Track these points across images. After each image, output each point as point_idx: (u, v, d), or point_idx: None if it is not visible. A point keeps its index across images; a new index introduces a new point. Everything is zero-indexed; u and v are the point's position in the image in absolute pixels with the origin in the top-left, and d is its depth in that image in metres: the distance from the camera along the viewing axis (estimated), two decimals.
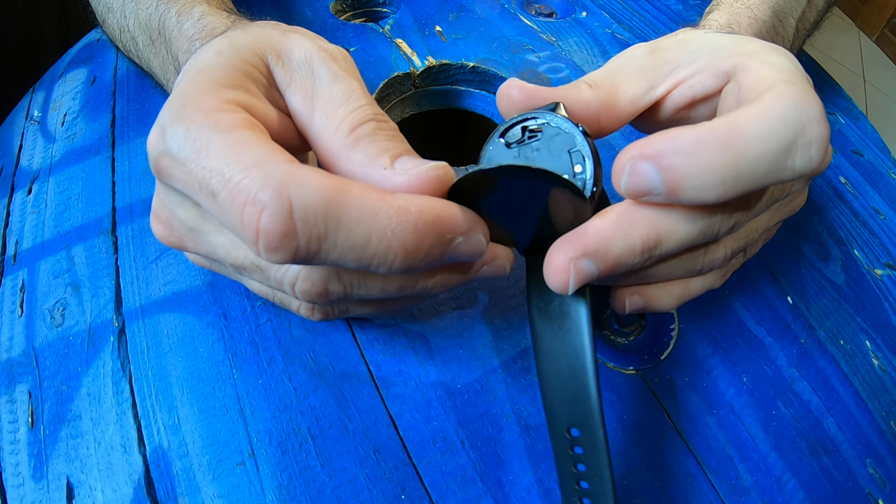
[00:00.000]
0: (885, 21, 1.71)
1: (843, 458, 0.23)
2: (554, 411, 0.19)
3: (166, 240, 0.20)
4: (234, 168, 0.15)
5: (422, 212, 0.16)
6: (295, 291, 0.18)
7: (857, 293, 0.28)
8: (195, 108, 0.17)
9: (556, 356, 0.18)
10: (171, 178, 0.17)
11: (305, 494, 0.21)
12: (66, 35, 0.58)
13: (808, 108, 0.16)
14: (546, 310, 0.19)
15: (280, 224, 0.14)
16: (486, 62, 0.37)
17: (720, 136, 0.16)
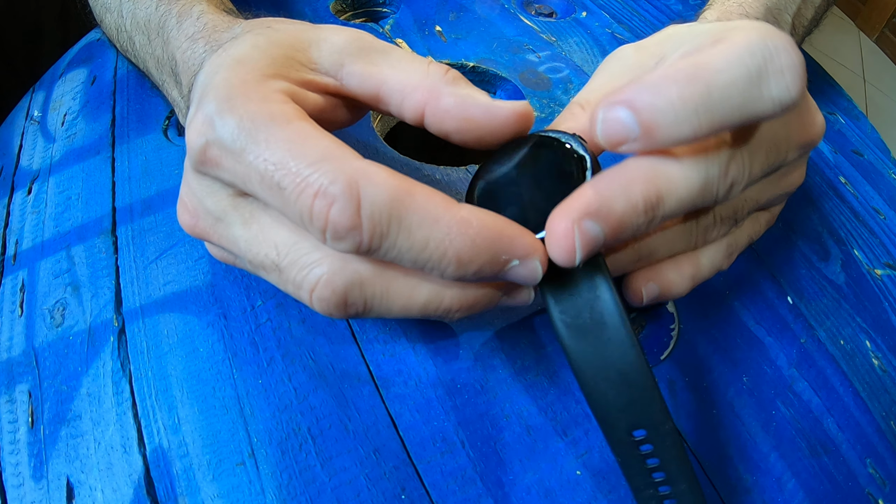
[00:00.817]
0: (885, 21, 1.71)
1: (843, 458, 0.23)
2: (611, 419, 0.18)
3: (192, 229, 0.20)
4: (302, 162, 0.16)
5: (482, 227, 0.16)
6: (312, 298, 0.18)
7: (857, 293, 0.28)
8: (245, 98, 0.17)
9: (600, 368, 0.17)
10: (220, 167, 0.17)
11: (305, 494, 0.21)
12: (66, 35, 0.58)
13: (774, 39, 0.16)
14: (576, 325, 0.18)
15: (348, 218, 0.15)
16: (487, 62, 0.37)
17: (687, 69, 0.16)
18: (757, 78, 0.16)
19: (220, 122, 0.17)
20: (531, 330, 0.26)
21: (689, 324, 0.26)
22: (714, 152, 0.18)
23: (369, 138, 0.32)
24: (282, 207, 0.16)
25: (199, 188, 0.19)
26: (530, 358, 0.25)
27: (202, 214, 0.20)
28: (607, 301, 0.17)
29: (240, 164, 0.16)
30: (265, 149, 0.16)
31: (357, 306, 0.18)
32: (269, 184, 0.16)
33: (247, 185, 0.17)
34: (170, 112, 0.34)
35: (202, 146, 0.17)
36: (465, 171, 0.31)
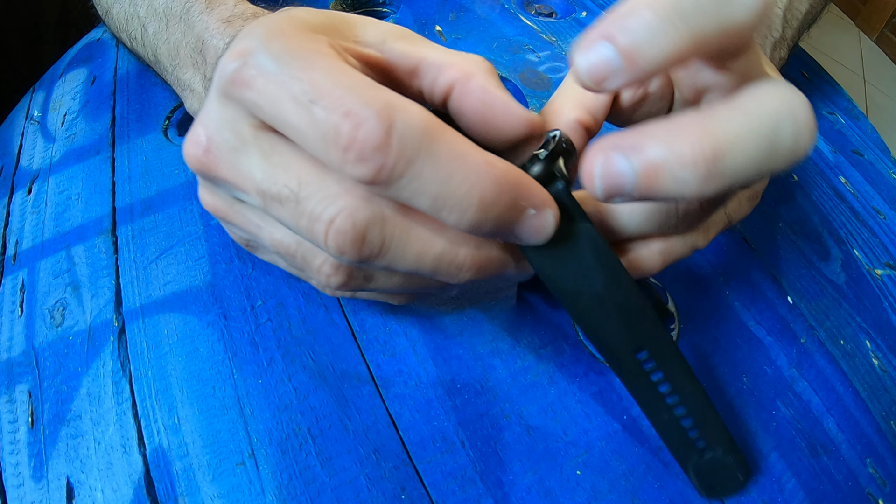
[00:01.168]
0: (885, 21, 1.71)
1: (843, 458, 0.23)
2: (616, 348, 0.19)
3: (199, 160, 0.19)
4: (340, 85, 0.15)
5: (507, 170, 0.16)
6: (329, 231, 0.17)
7: (857, 293, 0.28)
8: (292, 34, 0.17)
9: (597, 303, 0.18)
10: (251, 87, 0.17)
11: (305, 494, 0.21)
12: (66, 35, 0.58)
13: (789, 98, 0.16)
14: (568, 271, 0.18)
15: (379, 137, 0.15)
16: None
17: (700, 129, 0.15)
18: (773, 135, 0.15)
19: (261, 47, 0.16)
20: (531, 330, 0.26)
21: (689, 324, 0.26)
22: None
23: None
24: (307, 129, 0.16)
25: (220, 116, 0.18)
26: (530, 358, 0.25)
27: (216, 143, 0.19)
28: (591, 241, 0.18)
29: (273, 83, 0.16)
30: (303, 72, 0.16)
31: (373, 246, 0.17)
32: (300, 101, 0.16)
33: (275, 107, 0.16)
34: (170, 112, 0.34)
35: (236, 67, 0.17)
36: None
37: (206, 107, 0.19)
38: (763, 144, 0.15)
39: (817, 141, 0.20)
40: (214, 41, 0.27)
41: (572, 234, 0.18)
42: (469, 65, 0.20)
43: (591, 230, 0.18)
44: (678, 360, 0.19)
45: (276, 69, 0.16)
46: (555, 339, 0.25)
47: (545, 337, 0.25)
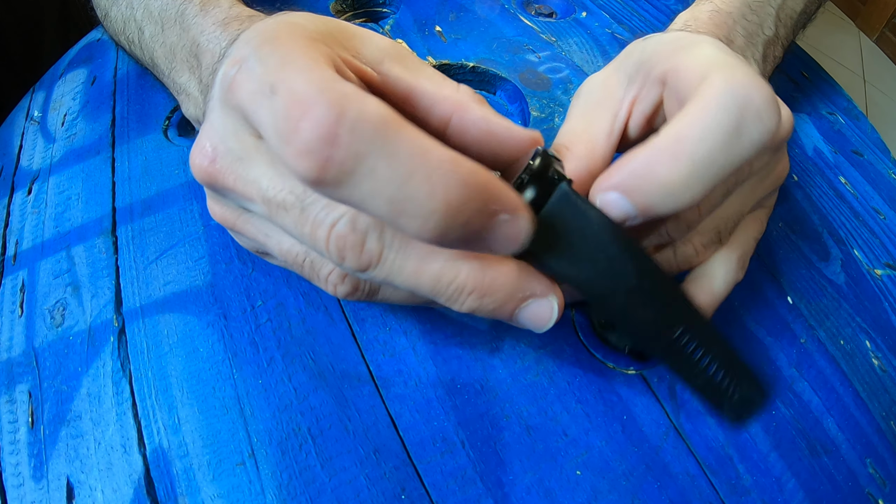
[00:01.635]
0: (885, 21, 1.71)
1: (843, 458, 0.23)
2: (657, 331, 0.19)
3: (205, 170, 0.19)
4: (304, 77, 0.14)
5: (474, 170, 0.14)
6: (331, 237, 0.16)
7: (857, 293, 0.28)
8: (289, 38, 0.16)
9: (634, 296, 0.18)
10: (241, 88, 0.16)
11: (305, 494, 0.21)
12: (66, 35, 0.58)
13: (741, 85, 0.17)
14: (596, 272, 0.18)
15: (325, 125, 0.13)
16: (486, 62, 0.37)
17: (668, 147, 0.17)
18: (736, 133, 0.17)
19: (257, 53, 0.16)
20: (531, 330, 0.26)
21: None
22: None
23: None
24: (265, 121, 0.15)
25: (224, 125, 0.18)
26: (530, 358, 0.25)
27: (222, 153, 0.18)
28: (613, 235, 0.18)
29: (256, 81, 0.16)
30: (280, 68, 0.15)
31: (373, 253, 0.17)
32: (265, 95, 0.15)
33: (252, 103, 0.16)
34: (170, 112, 0.34)
35: (234, 73, 0.16)
36: None
37: (209, 116, 0.19)
38: (726, 139, 0.17)
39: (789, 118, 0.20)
40: (210, 45, 0.26)
41: (592, 233, 0.18)
42: (461, 97, 0.19)
43: (609, 223, 0.18)
44: (709, 326, 0.20)
45: (259, 69, 0.16)
46: (555, 339, 0.25)
47: (545, 337, 0.25)
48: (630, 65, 0.22)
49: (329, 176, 0.14)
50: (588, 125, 0.22)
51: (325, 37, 0.18)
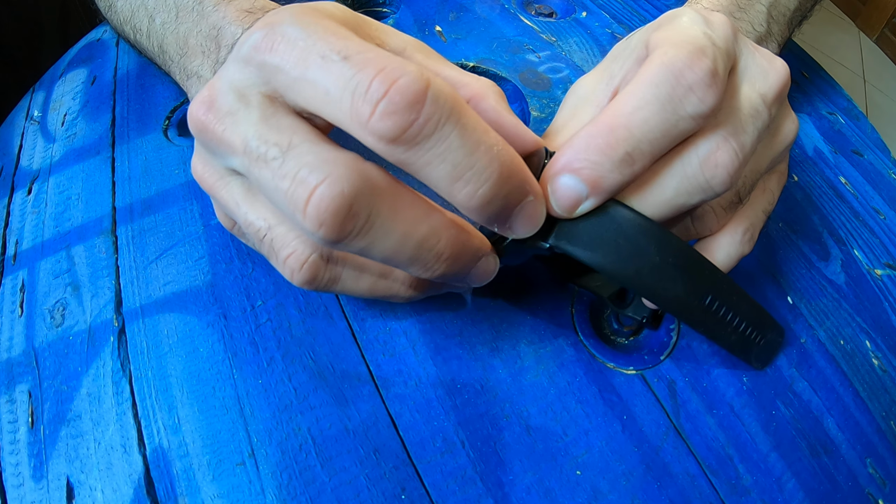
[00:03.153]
0: (885, 21, 1.71)
1: (843, 458, 0.23)
2: (686, 302, 0.19)
3: (199, 119, 0.19)
4: (372, 49, 0.15)
5: (516, 154, 0.17)
6: (311, 198, 0.16)
7: (857, 293, 0.28)
8: (322, 16, 0.17)
9: (660, 273, 0.19)
10: (274, 51, 0.16)
11: (305, 494, 0.21)
12: (66, 35, 0.58)
13: (676, 60, 0.17)
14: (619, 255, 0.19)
15: (413, 92, 0.15)
16: (486, 62, 0.37)
17: (605, 119, 0.18)
18: (669, 105, 0.17)
19: (292, 21, 0.16)
20: (531, 330, 0.26)
21: None
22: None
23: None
24: (332, 83, 0.15)
25: (233, 78, 0.18)
26: (530, 358, 0.25)
27: (220, 104, 0.18)
28: (630, 218, 0.19)
29: (299, 48, 0.16)
30: (333, 37, 0.16)
31: (358, 220, 0.16)
32: (330, 60, 0.15)
33: (299, 67, 0.16)
34: (170, 112, 0.34)
35: (265, 33, 0.17)
36: None
37: (221, 71, 0.19)
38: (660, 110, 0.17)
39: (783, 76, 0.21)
40: (232, 28, 0.27)
41: (611, 219, 0.19)
42: (481, 86, 0.20)
43: (624, 207, 0.19)
44: (732, 285, 0.20)
45: (304, 36, 0.16)
46: (555, 338, 0.25)
47: (545, 337, 0.25)
48: (617, 67, 0.22)
49: (409, 136, 0.15)
50: (573, 119, 0.22)
51: (352, 24, 0.19)
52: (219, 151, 0.19)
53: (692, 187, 0.19)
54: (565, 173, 0.18)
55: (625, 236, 0.18)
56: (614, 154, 0.18)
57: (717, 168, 0.18)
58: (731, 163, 0.18)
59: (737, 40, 0.20)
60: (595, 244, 0.19)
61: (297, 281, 0.19)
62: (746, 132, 0.19)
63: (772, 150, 0.22)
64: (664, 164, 0.19)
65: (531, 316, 0.26)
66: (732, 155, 0.18)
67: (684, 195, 0.19)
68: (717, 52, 0.18)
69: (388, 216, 0.16)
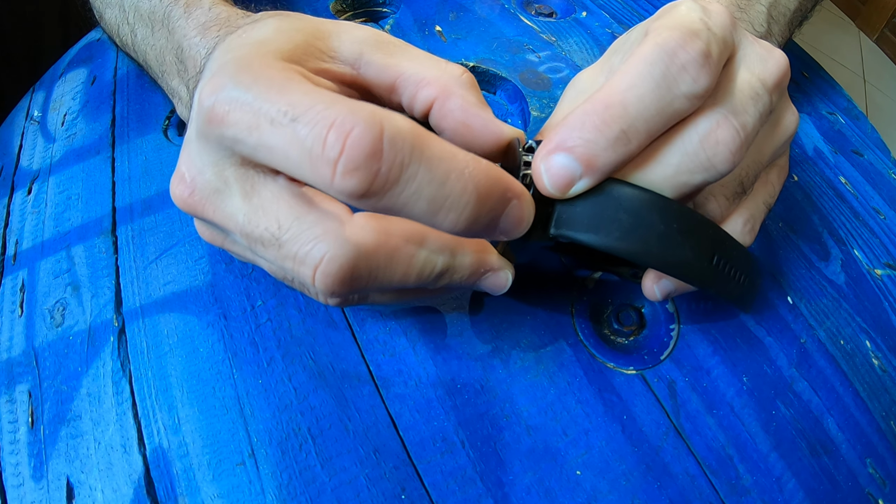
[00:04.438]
0: (885, 21, 1.71)
1: (843, 458, 0.23)
2: (696, 266, 0.19)
3: (184, 201, 0.19)
4: (319, 101, 0.15)
5: (491, 167, 0.16)
6: (316, 276, 0.17)
7: (857, 293, 0.28)
8: (265, 65, 0.17)
9: (667, 241, 0.18)
10: (226, 122, 0.16)
11: (305, 494, 0.21)
12: (66, 35, 0.58)
13: (670, 40, 0.18)
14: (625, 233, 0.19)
15: (369, 143, 0.14)
16: (486, 62, 0.37)
17: (601, 97, 0.18)
18: (664, 83, 0.17)
19: (235, 81, 0.16)
20: (531, 330, 0.26)
21: (688, 324, 0.26)
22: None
23: None
24: (289, 149, 0.15)
25: (201, 156, 0.18)
26: (530, 358, 0.25)
27: (200, 185, 0.19)
28: (631, 192, 0.18)
29: (248, 112, 0.16)
30: (279, 95, 0.16)
31: (362, 280, 0.18)
32: (280, 124, 0.15)
33: (254, 135, 0.16)
34: (170, 112, 0.34)
35: (212, 103, 0.17)
36: None
37: (187, 146, 0.19)
38: (654, 88, 0.17)
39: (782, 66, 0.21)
40: (192, 50, 0.26)
41: (609, 197, 0.18)
42: (447, 80, 0.20)
43: (621, 184, 0.18)
44: (733, 242, 0.20)
45: (250, 98, 0.16)
46: (555, 339, 0.25)
47: (545, 337, 0.25)
48: (615, 55, 0.22)
49: (376, 188, 0.15)
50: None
51: (300, 47, 0.18)
52: (215, 225, 0.20)
53: (694, 165, 0.19)
54: (559, 152, 0.18)
55: (625, 211, 0.18)
56: (609, 132, 0.17)
57: (719, 146, 0.18)
58: (732, 141, 0.18)
59: (735, 29, 0.20)
60: (597, 225, 0.18)
61: (332, 304, 0.20)
62: (748, 113, 0.19)
63: (773, 141, 0.22)
64: (665, 142, 0.19)
65: (531, 316, 0.26)
66: (734, 133, 0.18)
67: (686, 173, 0.19)
68: (711, 36, 0.18)
69: (387, 265, 0.18)
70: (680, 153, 0.19)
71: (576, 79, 0.24)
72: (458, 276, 0.20)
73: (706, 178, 0.19)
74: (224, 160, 0.18)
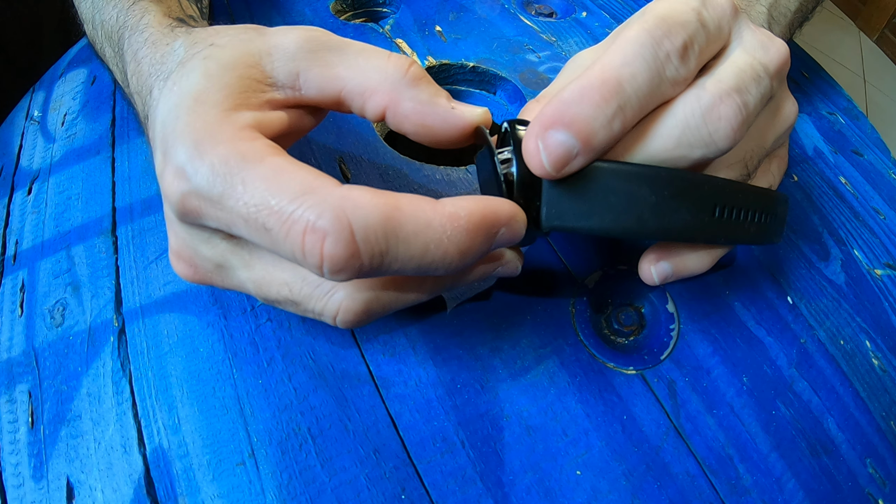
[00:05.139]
0: (885, 21, 1.71)
1: (843, 458, 0.23)
2: (696, 223, 0.19)
3: (191, 278, 0.20)
4: (283, 199, 0.15)
5: (470, 214, 0.16)
6: (337, 321, 0.19)
7: (857, 293, 0.28)
8: (213, 142, 0.16)
9: (660, 210, 0.18)
10: (203, 217, 0.17)
11: (305, 494, 0.21)
12: (66, 35, 0.58)
13: (655, 28, 0.18)
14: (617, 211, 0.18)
15: (344, 247, 0.15)
16: (486, 62, 0.37)
17: (595, 73, 0.17)
18: (653, 64, 0.18)
19: (193, 171, 0.16)
20: (531, 330, 0.26)
21: (689, 324, 0.26)
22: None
23: (370, 138, 0.32)
24: (273, 248, 0.16)
25: (191, 238, 0.19)
26: (530, 358, 0.25)
27: (200, 264, 0.19)
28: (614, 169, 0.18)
29: (222, 210, 0.16)
30: (244, 192, 0.16)
31: (377, 313, 0.19)
32: (256, 227, 0.16)
33: (234, 230, 0.17)
34: None
35: (180, 198, 0.17)
36: (465, 172, 0.31)
37: (172, 227, 0.19)
38: (644, 54, 0.18)
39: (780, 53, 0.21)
40: (137, 82, 0.24)
41: (593, 180, 0.18)
42: (392, 84, 0.19)
43: (602, 163, 0.18)
44: (736, 186, 0.20)
45: (217, 195, 0.16)
46: (555, 338, 0.25)
47: (545, 337, 0.25)
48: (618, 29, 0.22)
49: (364, 274, 0.16)
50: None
51: (234, 91, 0.18)
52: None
53: (695, 139, 0.19)
54: (557, 128, 0.17)
55: (613, 190, 0.18)
56: (608, 108, 0.17)
57: (721, 121, 0.18)
58: (734, 117, 0.18)
59: (735, 18, 0.20)
60: (587, 211, 0.18)
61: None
62: (750, 93, 0.19)
63: (775, 128, 0.22)
64: (665, 116, 0.19)
65: (531, 316, 0.26)
66: (736, 109, 0.18)
67: (686, 147, 0.19)
68: (697, 29, 0.18)
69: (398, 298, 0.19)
70: (682, 126, 0.19)
71: (576, 56, 0.24)
72: (471, 279, 0.21)
73: (705, 153, 0.19)
74: (213, 237, 0.18)
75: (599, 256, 0.28)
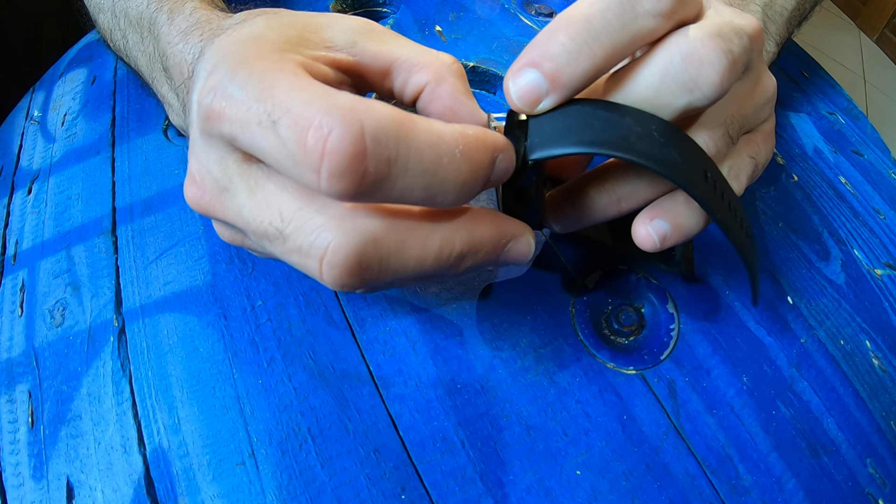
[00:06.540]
0: (885, 21, 1.71)
1: (843, 458, 0.23)
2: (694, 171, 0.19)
3: (197, 202, 0.19)
4: (298, 99, 0.15)
5: (477, 133, 0.16)
6: (322, 266, 0.16)
7: (857, 293, 0.28)
8: (260, 59, 0.16)
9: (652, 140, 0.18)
10: (223, 119, 0.16)
11: (305, 494, 0.21)
12: (66, 35, 0.58)
13: None
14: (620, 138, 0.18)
15: (350, 144, 0.14)
16: (486, 62, 0.37)
17: (564, 15, 0.18)
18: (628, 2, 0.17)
19: (231, 77, 0.16)
20: (531, 330, 0.26)
21: (689, 324, 0.26)
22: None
23: None
24: (276, 152, 0.15)
25: (206, 155, 0.18)
26: (530, 358, 0.25)
27: (209, 185, 0.19)
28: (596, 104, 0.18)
29: (242, 109, 0.16)
30: (269, 91, 0.15)
31: (373, 269, 0.17)
32: (266, 123, 0.15)
33: (246, 134, 0.16)
34: None
35: (210, 101, 0.16)
36: None
37: (193, 147, 0.19)
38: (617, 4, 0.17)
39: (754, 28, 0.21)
40: (177, 57, 0.25)
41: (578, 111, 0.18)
42: (439, 67, 0.20)
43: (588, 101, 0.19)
44: (728, 184, 0.20)
45: (243, 95, 0.16)
46: (555, 338, 0.25)
47: (545, 337, 0.25)
48: None
49: (365, 187, 0.14)
50: None
51: (293, 40, 0.18)
52: (228, 224, 0.19)
53: (676, 85, 0.18)
54: (525, 68, 0.18)
55: (597, 116, 0.18)
56: (573, 45, 0.17)
57: (703, 65, 0.18)
58: (719, 61, 0.18)
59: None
60: (568, 133, 0.18)
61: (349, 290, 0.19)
62: (732, 41, 0.19)
63: (755, 98, 0.22)
64: (646, 62, 0.19)
65: (531, 316, 0.26)
66: (720, 53, 0.18)
67: (668, 94, 0.18)
68: None
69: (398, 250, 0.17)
70: (661, 72, 0.18)
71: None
72: (481, 255, 0.19)
73: (690, 100, 0.18)
74: (227, 156, 0.18)
75: (599, 256, 0.28)
